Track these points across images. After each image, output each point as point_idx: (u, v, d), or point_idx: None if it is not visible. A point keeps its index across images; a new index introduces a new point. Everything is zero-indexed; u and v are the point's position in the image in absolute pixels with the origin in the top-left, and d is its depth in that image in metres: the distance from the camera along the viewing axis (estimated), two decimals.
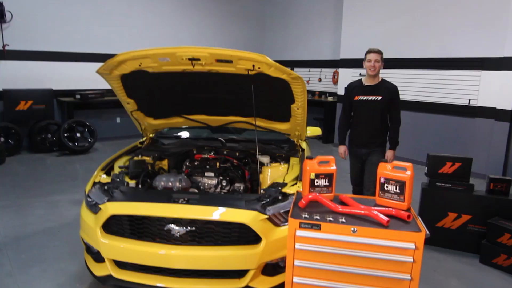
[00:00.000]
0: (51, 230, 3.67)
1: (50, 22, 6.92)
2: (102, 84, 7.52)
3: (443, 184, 3.54)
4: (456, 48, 6.07)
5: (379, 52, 3.56)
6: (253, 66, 2.45)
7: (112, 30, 7.67)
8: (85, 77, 7.23)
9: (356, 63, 7.25)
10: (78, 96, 7.04)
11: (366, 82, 3.68)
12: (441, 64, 6.30)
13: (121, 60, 2.52)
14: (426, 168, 3.62)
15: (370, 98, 3.60)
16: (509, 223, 3.26)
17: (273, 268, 2.40)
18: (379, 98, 3.58)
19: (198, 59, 2.44)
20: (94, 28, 7.42)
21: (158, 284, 2.34)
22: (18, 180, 5.23)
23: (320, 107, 8.74)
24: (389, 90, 3.61)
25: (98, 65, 2.59)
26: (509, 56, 5.36)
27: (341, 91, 7.60)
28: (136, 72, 2.69)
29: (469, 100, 6.03)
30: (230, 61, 2.44)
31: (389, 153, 3.73)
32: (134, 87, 2.92)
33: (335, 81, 8.64)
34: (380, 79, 3.65)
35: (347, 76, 7.66)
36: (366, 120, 3.66)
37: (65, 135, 6.62)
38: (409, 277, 1.81)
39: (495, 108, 5.68)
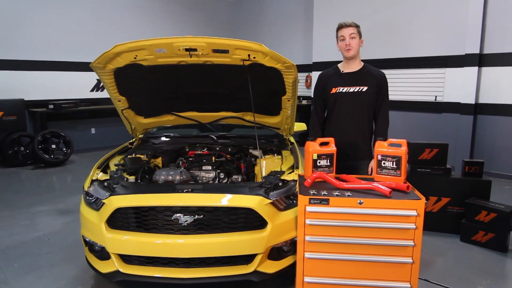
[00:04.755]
0: (40, 238, 3.57)
1: (18, 29, 6.72)
2: (75, 93, 7.54)
3: (424, 170, 3.77)
4: (422, 48, 6.46)
5: (353, 25, 2.77)
6: (249, 56, 2.53)
7: (84, 38, 7.51)
8: (57, 87, 7.08)
9: (329, 66, 7.49)
10: (51, 106, 6.85)
11: (345, 68, 2.90)
12: (408, 63, 6.67)
13: (117, 52, 2.50)
14: None
15: (352, 89, 2.82)
16: (485, 201, 3.54)
17: (278, 252, 2.48)
18: (364, 88, 2.81)
19: (195, 50, 2.48)
20: (65, 36, 7.25)
21: (166, 276, 2.36)
22: None
23: None
24: (376, 78, 2.85)
25: (70, 74, 2.55)
26: (470, 53, 5.79)
27: None
28: (130, 66, 2.68)
29: (436, 96, 6.41)
30: (226, 51, 2.49)
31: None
32: (126, 83, 2.91)
33: (308, 85, 8.91)
34: (362, 64, 2.90)
35: None
36: (350, 120, 2.86)
37: (40, 146, 6.41)
38: (413, 243, 1.96)
39: (459, 103, 6.08)
